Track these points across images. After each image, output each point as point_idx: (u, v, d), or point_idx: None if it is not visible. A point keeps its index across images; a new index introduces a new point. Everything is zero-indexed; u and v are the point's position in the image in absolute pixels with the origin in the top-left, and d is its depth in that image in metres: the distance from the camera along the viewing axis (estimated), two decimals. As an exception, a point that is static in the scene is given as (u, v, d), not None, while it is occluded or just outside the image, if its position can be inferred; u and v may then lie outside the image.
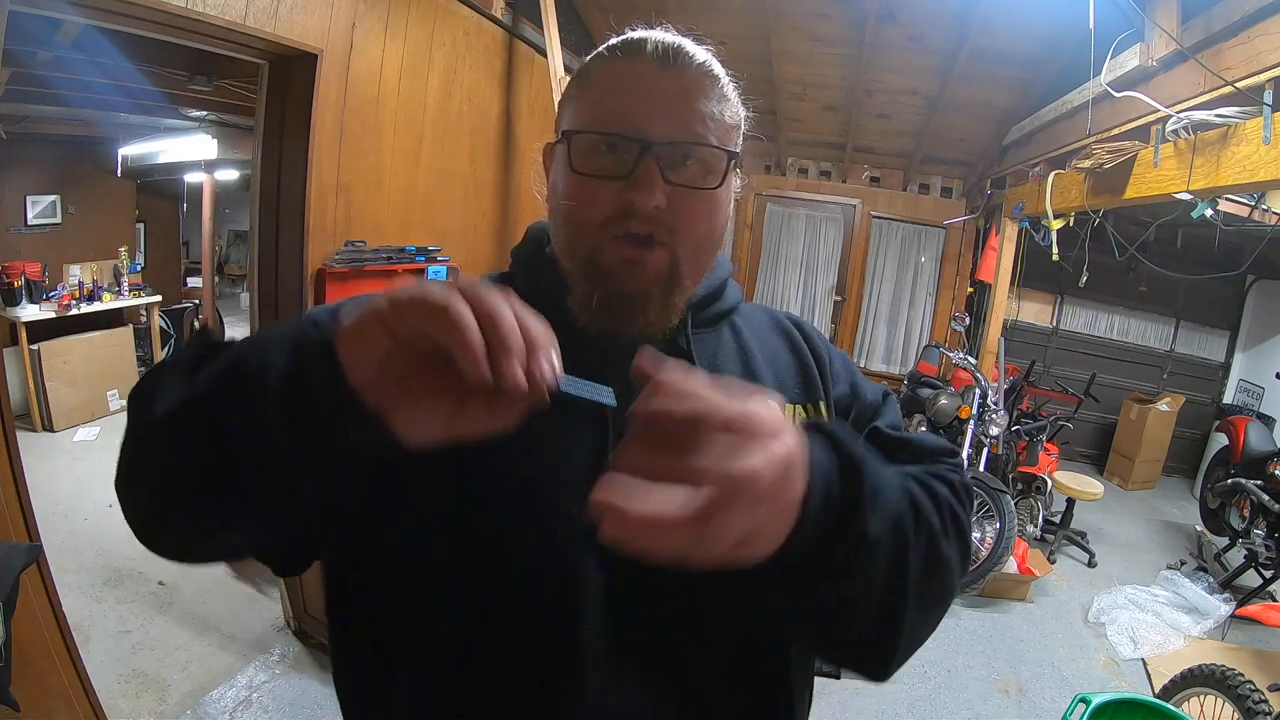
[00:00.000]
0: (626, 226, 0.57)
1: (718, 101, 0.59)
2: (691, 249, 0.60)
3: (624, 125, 0.56)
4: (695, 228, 0.59)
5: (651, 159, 0.56)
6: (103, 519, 3.28)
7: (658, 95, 0.57)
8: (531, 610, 0.57)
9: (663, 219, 0.57)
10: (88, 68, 3.20)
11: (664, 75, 0.57)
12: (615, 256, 0.57)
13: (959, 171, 5.39)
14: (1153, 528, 4.63)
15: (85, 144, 5.19)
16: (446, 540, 0.57)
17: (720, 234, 0.63)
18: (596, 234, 0.58)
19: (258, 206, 2.27)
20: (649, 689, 0.58)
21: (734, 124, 0.61)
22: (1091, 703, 1.77)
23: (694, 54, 0.59)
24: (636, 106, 0.57)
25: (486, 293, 0.40)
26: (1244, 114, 2.02)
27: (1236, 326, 5.75)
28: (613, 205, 0.57)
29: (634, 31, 0.61)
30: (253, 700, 2.23)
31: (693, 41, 0.61)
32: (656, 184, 0.55)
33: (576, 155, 0.58)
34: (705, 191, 0.58)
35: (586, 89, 0.61)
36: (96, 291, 4.94)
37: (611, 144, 0.57)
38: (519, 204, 3.46)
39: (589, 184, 0.58)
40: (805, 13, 3.81)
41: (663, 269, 0.59)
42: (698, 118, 0.57)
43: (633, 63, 0.58)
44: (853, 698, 2.59)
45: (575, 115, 0.60)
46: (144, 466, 0.49)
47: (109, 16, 1.72)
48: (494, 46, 3.08)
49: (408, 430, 0.42)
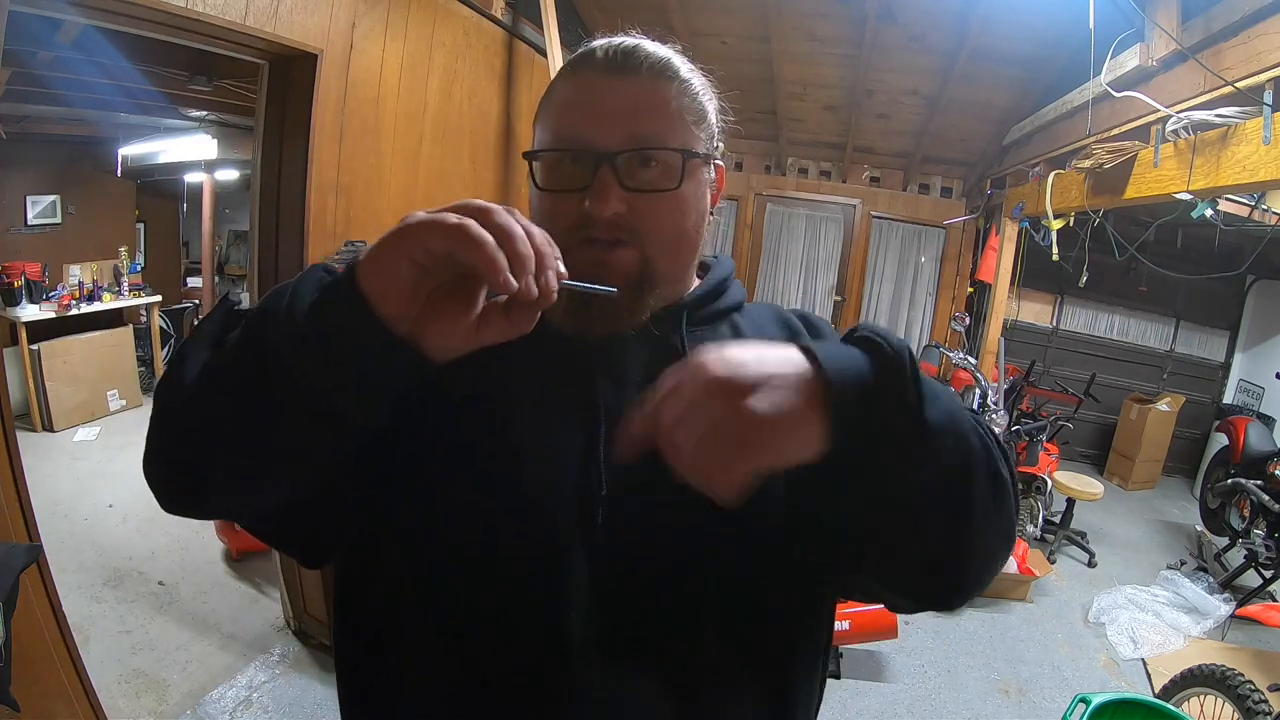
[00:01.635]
0: (589, 233, 0.58)
1: (676, 98, 0.60)
2: (661, 248, 0.61)
3: (576, 139, 0.59)
4: (661, 229, 0.60)
5: (607, 168, 0.57)
6: (103, 519, 3.28)
7: (607, 105, 0.58)
8: (521, 604, 0.57)
9: (625, 223, 0.58)
10: (88, 68, 3.20)
11: (613, 83, 0.59)
12: (581, 261, 0.57)
13: (959, 171, 5.39)
14: (1153, 528, 4.63)
15: (85, 144, 5.18)
16: (440, 536, 0.58)
17: (694, 231, 0.64)
18: (563, 243, 0.58)
19: (258, 206, 2.27)
20: (643, 682, 0.58)
21: (697, 119, 0.61)
22: (1091, 703, 1.77)
23: (646, 56, 0.60)
24: (586, 119, 0.58)
25: (495, 210, 0.43)
26: (1244, 114, 2.02)
27: (1236, 326, 5.75)
28: (575, 216, 0.58)
29: (594, 41, 0.62)
30: (253, 700, 2.23)
31: (652, 41, 0.61)
32: (611, 192, 0.57)
33: (540, 173, 0.61)
34: (667, 192, 0.59)
35: (547, 107, 0.63)
36: (96, 291, 4.93)
37: (573, 157, 0.59)
38: (519, 204, 3.43)
39: (554, 199, 0.60)
40: (805, 13, 3.81)
41: (632, 268, 0.60)
42: (649, 121, 0.59)
43: (584, 75, 0.60)
44: (853, 698, 2.59)
45: (539, 134, 0.63)
46: (181, 422, 0.51)
47: (109, 16, 1.72)
48: (494, 46, 3.08)
49: (435, 347, 0.46)
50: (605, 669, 0.57)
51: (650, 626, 0.58)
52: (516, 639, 0.57)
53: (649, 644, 0.58)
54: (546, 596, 0.57)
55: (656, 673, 0.58)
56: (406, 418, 0.56)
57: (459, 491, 0.58)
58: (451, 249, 0.41)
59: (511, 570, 0.57)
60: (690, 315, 0.66)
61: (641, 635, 0.58)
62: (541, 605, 0.57)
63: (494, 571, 0.58)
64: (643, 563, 0.58)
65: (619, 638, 0.57)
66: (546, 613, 0.57)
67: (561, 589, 0.57)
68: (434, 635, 0.59)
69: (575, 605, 0.57)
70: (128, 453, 4.15)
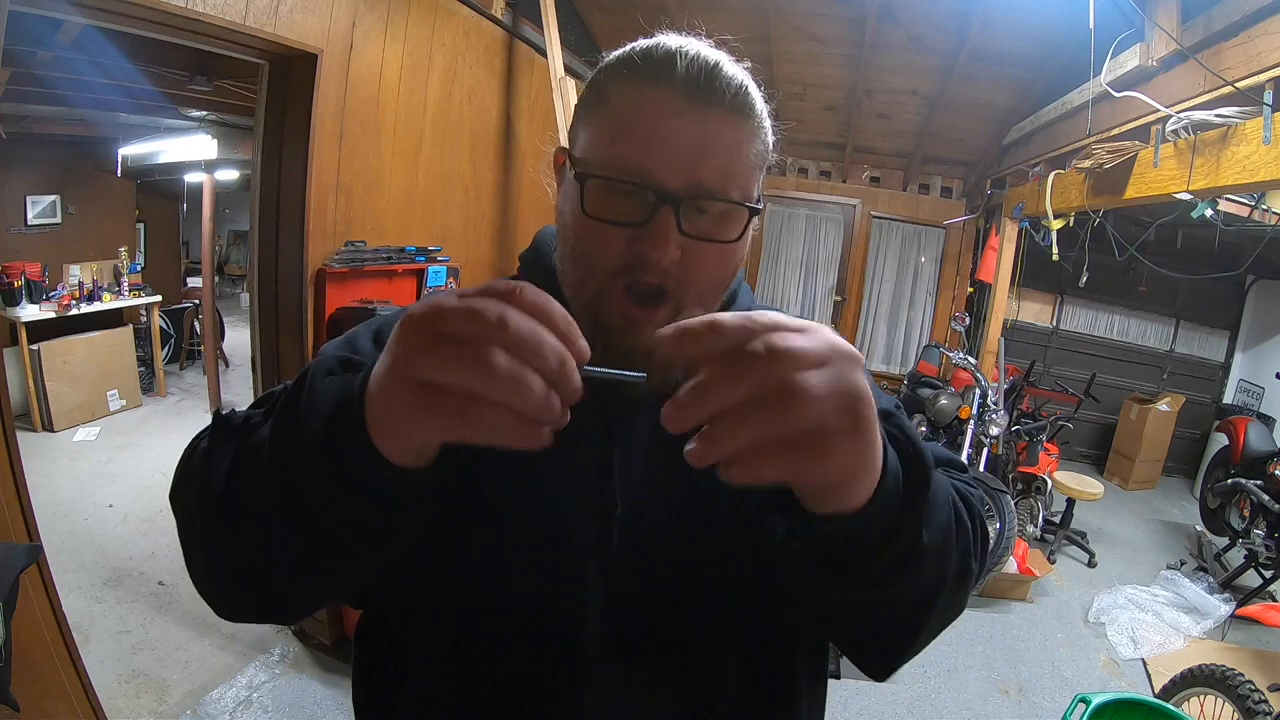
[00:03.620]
0: (636, 278, 0.53)
1: (748, 141, 0.54)
2: (699, 299, 0.56)
3: (641, 173, 0.52)
4: (707, 279, 0.56)
5: (668, 210, 0.51)
6: (103, 519, 3.28)
7: (681, 138, 0.51)
8: (536, 619, 0.57)
9: (674, 270, 0.53)
10: (88, 68, 3.20)
11: (691, 111, 0.52)
12: (619, 311, 0.54)
13: (959, 171, 5.39)
14: (1153, 528, 4.63)
15: (85, 144, 5.19)
16: (458, 553, 0.58)
17: (731, 279, 0.59)
18: (604, 281, 0.54)
19: (258, 206, 2.28)
20: (652, 694, 0.58)
21: (760, 164, 0.57)
22: (1091, 703, 1.77)
23: (729, 81, 0.53)
24: (656, 150, 0.51)
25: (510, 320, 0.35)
26: (1244, 114, 2.02)
27: (1236, 326, 5.75)
28: (624, 255, 0.53)
29: (664, 38, 0.55)
30: (253, 700, 2.23)
31: (729, 59, 0.55)
32: (671, 238, 0.52)
33: (589, 198, 0.53)
34: (722, 244, 0.55)
35: (603, 112, 0.55)
36: (96, 291, 4.93)
37: (627, 189, 0.52)
38: (519, 204, 3.46)
39: (601, 229, 0.53)
40: (805, 13, 3.81)
41: (665, 324, 0.57)
42: (723, 167, 0.53)
43: (657, 91, 0.52)
44: (853, 697, 2.59)
45: (590, 144, 0.55)
46: (238, 552, 0.48)
47: (109, 16, 1.72)
48: (494, 46, 3.08)
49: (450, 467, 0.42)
50: (616, 680, 0.57)
51: (660, 640, 0.58)
52: (529, 652, 0.57)
53: (659, 657, 0.59)
54: (562, 614, 0.57)
55: (666, 685, 0.59)
56: None
57: (476, 511, 0.58)
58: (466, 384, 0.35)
59: (528, 586, 0.57)
60: None
61: (652, 649, 0.58)
62: (556, 621, 0.57)
63: (510, 587, 0.58)
64: (655, 579, 0.58)
65: (630, 651, 0.58)
66: (560, 628, 0.57)
67: (576, 605, 0.57)
68: (449, 647, 0.59)
69: (589, 620, 0.57)
70: (127, 453, 4.15)
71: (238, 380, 5.76)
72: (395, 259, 2.55)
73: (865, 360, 3.88)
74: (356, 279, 2.42)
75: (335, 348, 0.60)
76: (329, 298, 2.30)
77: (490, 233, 3.31)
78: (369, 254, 2.44)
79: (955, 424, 3.92)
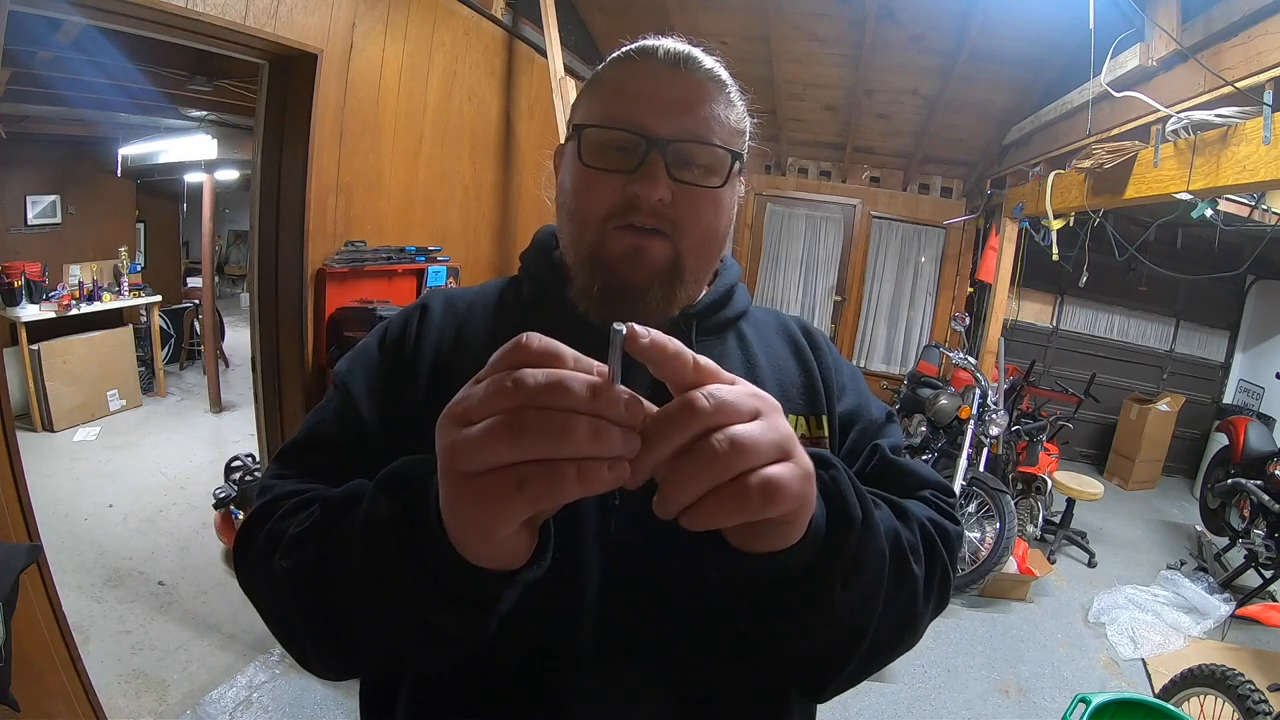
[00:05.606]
0: (630, 219, 0.59)
1: (724, 105, 0.62)
2: (694, 245, 0.61)
3: (632, 122, 0.59)
4: (698, 224, 0.61)
5: (657, 154, 0.58)
6: (103, 519, 3.28)
7: (666, 94, 0.59)
8: (535, 606, 0.57)
9: (666, 213, 0.59)
10: (88, 68, 3.20)
11: (673, 76, 0.60)
12: (618, 246, 0.59)
13: (959, 171, 5.39)
14: (1153, 528, 4.63)
15: (85, 144, 5.19)
16: None
17: (724, 235, 0.65)
18: (601, 225, 0.60)
19: (258, 206, 2.28)
20: (647, 684, 0.59)
21: (739, 129, 0.64)
22: (1091, 703, 1.77)
23: (703, 60, 0.62)
24: (645, 104, 0.59)
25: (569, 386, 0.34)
26: (1244, 114, 2.02)
27: (1236, 326, 5.75)
28: (618, 198, 0.59)
29: (647, 40, 0.63)
30: (253, 700, 2.23)
31: (702, 51, 0.63)
32: (661, 178, 0.57)
33: (586, 150, 0.60)
34: (709, 190, 0.60)
35: (598, 90, 0.63)
36: (96, 291, 4.93)
37: (620, 141, 0.59)
38: (519, 204, 3.46)
39: (597, 177, 0.60)
40: (805, 13, 3.81)
41: (665, 261, 0.60)
42: (704, 118, 0.60)
43: (644, 64, 0.61)
44: (852, 698, 2.58)
45: (587, 113, 0.62)
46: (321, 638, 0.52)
47: (109, 16, 1.72)
48: (494, 46, 3.08)
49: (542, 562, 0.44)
50: (611, 671, 0.58)
51: (656, 630, 0.59)
52: (527, 640, 0.58)
53: (654, 647, 0.59)
54: (561, 602, 0.57)
55: (660, 675, 0.59)
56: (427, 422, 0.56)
57: None
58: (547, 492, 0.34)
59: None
60: (700, 324, 0.67)
61: (647, 639, 0.59)
62: (554, 609, 0.57)
63: None
64: (651, 569, 0.58)
65: (625, 641, 0.58)
66: (558, 617, 0.58)
67: (575, 593, 0.58)
68: None
69: (585, 610, 0.58)
70: (128, 453, 4.15)
71: (238, 380, 5.76)
72: (395, 259, 2.55)
73: (865, 360, 3.90)
74: (356, 279, 2.42)
75: (349, 363, 0.67)
76: (329, 297, 2.30)
77: (490, 232, 3.31)
78: (369, 254, 2.44)
79: (955, 424, 3.92)
